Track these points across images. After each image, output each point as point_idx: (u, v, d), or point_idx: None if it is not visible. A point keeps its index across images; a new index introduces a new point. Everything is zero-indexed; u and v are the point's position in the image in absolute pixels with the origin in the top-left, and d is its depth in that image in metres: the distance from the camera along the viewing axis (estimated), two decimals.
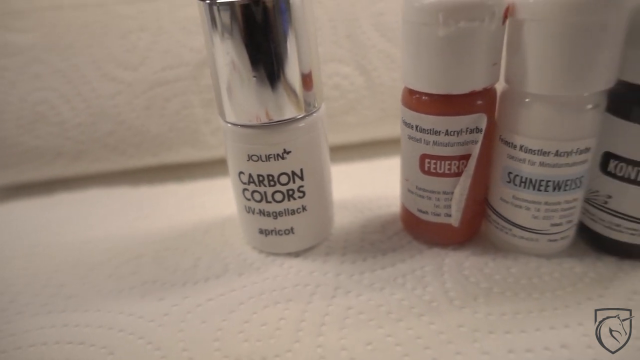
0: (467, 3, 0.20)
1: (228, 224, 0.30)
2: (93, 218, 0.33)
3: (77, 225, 0.33)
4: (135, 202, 0.35)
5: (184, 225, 0.31)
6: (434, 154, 0.23)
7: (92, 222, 0.33)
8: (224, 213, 0.31)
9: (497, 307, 0.22)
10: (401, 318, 0.22)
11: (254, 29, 0.21)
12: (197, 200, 0.34)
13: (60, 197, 0.37)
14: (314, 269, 0.26)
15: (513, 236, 0.25)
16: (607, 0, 0.19)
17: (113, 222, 0.33)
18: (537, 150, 0.22)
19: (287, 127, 0.23)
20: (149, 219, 0.33)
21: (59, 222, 0.33)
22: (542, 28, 0.20)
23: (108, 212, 0.34)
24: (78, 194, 0.37)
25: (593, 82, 0.20)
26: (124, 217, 0.33)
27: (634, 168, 0.22)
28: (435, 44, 0.21)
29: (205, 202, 0.34)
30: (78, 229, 0.32)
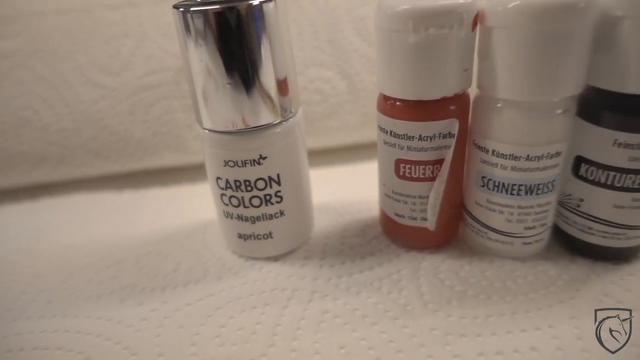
0: (436, 10, 0.20)
1: (210, 228, 0.30)
2: (76, 223, 0.33)
3: (59, 230, 0.33)
4: (119, 207, 0.35)
5: (166, 230, 0.31)
6: (408, 159, 0.24)
7: (75, 227, 0.33)
8: (206, 217, 0.31)
9: (470, 310, 0.22)
10: (376, 322, 0.22)
11: (228, 36, 0.21)
12: (180, 204, 0.34)
13: (45, 202, 0.37)
14: (292, 273, 0.26)
15: (488, 239, 0.25)
16: (572, 9, 0.19)
17: (96, 227, 0.33)
18: (508, 155, 0.22)
19: (263, 133, 0.24)
20: (132, 223, 0.33)
21: (42, 227, 0.33)
22: (510, 35, 0.20)
23: (92, 217, 0.34)
24: (62, 199, 0.37)
25: (561, 87, 0.20)
26: (107, 222, 0.33)
27: (603, 172, 0.22)
28: (406, 50, 0.21)
29: (188, 207, 0.34)
30: (60, 234, 0.32)
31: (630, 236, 0.23)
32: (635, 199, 0.22)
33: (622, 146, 0.21)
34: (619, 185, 0.22)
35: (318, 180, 0.35)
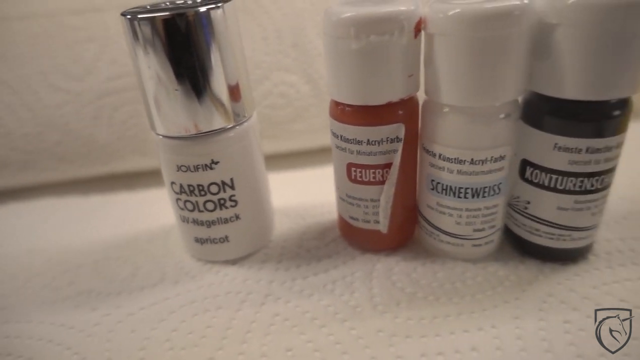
0: (377, 18, 0.20)
1: (172, 232, 0.31)
2: (40, 228, 0.33)
3: (22, 235, 0.33)
4: (85, 211, 0.35)
5: (129, 235, 0.31)
6: (358, 163, 0.24)
7: (38, 232, 0.33)
8: (169, 221, 0.32)
9: (417, 311, 0.23)
10: (325, 324, 0.22)
11: (175, 43, 0.22)
12: (146, 208, 0.35)
13: (10, 207, 0.37)
14: (249, 277, 0.26)
15: (440, 242, 0.25)
16: (508, 17, 0.19)
17: (60, 231, 0.33)
18: (453, 159, 0.22)
19: (214, 138, 0.24)
20: (96, 228, 0.33)
21: (5, 232, 0.33)
22: (450, 43, 0.20)
23: (57, 222, 0.34)
24: (28, 204, 0.37)
25: (502, 93, 0.21)
26: (71, 227, 0.33)
27: (546, 175, 0.22)
28: (350, 57, 0.21)
29: (154, 211, 0.34)
30: (23, 240, 0.32)
31: (575, 237, 0.23)
32: (578, 201, 0.22)
33: (562, 150, 0.21)
34: (562, 188, 0.22)
35: (283, 184, 0.35)
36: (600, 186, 0.22)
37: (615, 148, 0.21)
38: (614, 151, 0.21)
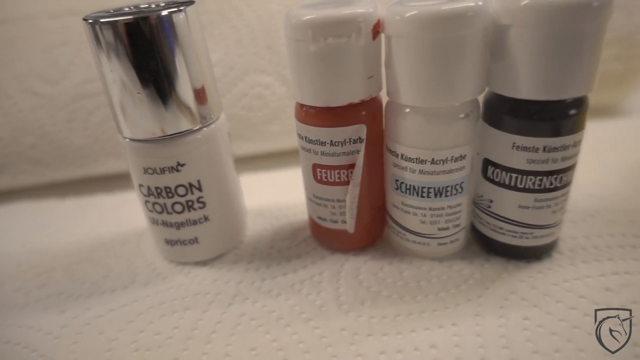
0: (334, 20, 0.20)
1: (145, 234, 0.31)
2: (15, 231, 0.33)
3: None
4: (61, 214, 0.35)
5: (102, 237, 0.31)
6: (323, 164, 0.24)
7: (13, 235, 0.33)
8: (143, 224, 0.32)
9: (380, 310, 0.23)
10: (289, 323, 0.23)
11: (138, 47, 0.22)
12: (121, 211, 0.35)
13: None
14: (218, 277, 0.26)
15: (407, 241, 0.26)
16: (462, 18, 0.20)
17: (34, 235, 0.33)
18: (415, 159, 0.23)
19: (179, 141, 0.24)
20: (71, 231, 0.33)
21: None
22: (407, 44, 0.20)
23: (32, 225, 0.34)
24: (3, 208, 0.37)
25: (460, 93, 0.21)
26: (47, 230, 0.33)
27: (507, 174, 0.23)
28: (309, 59, 0.21)
29: (129, 213, 0.34)
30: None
31: (537, 235, 0.24)
32: (538, 199, 0.23)
33: (520, 149, 0.22)
34: (522, 187, 0.23)
35: (259, 184, 0.35)
36: (559, 184, 0.22)
37: (572, 147, 0.22)
38: (572, 150, 0.22)
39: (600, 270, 0.24)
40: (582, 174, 0.31)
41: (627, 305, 0.21)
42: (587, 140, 0.37)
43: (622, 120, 0.40)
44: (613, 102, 0.42)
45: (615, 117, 0.41)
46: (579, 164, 0.33)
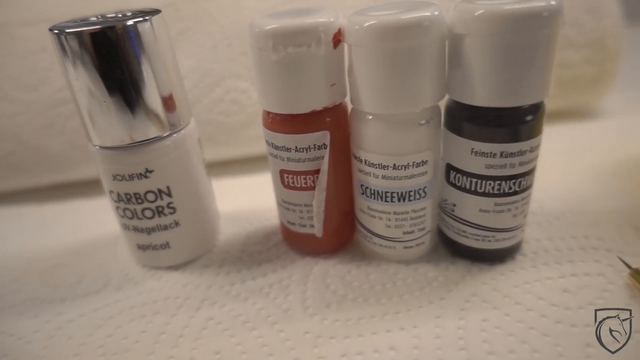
0: (294, 30, 0.21)
1: (120, 239, 0.31)
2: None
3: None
4: (39, 219, 0.36)
5: (79, 242, 0.32)
6: (289, 170, 0.25)
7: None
8: (119, 229, 0.32)
9: (345, 313, 0.23)
10: (255, 327, 0.23)
11: (104, 57, 0.22)
12: (98, 216, 0.35)
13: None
14: (189, 282, 0.27)
15: (374, 244, 0.26)
16: (418, 27, 0.20)
17: (12, 240, 0.33)
18: (378, 164, 0.23)
19: (148, 147, 0.24)
20: (48, 236, 0.33)
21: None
22: (365, 53, 0.21)
23: (10, 231, 0.34)
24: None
25: (419, 100, 0.22)
26: (24, 235, 0.34)
27: (467, 178, 0.23)
28: (271, 67, 0.22)
29: (106, 218, 0.34)
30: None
31: (499, 238, 0.24)
32: (498, 203, 0.23)
33: (478, 154, 0.22)
34: (482, 191, 0.23)
35: (235, 189, 0.36)
36: (518, 189, 0.23)
37: (529, 152, 0.22)
38: (529, 155, 0.22)
39: (560, 272, 0.24)
40: (550, 176, 0.32)
41: (583, 307, 0.22)
42: (558, 143, 0.38)
43: (594, 123, 0.41)
44: (586, 105, 0.43)
45: (587, 119, 0.42)
46: (549, 166, 0.33)
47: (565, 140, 0.38)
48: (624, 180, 0.32)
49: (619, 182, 0.31)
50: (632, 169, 0.33)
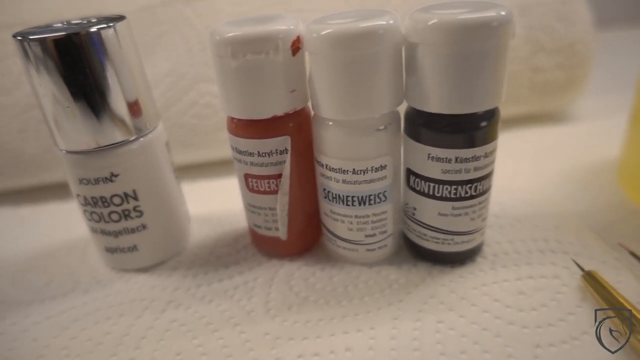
0: (252, 37, 0.21)
1: (91, 242, 0.31)
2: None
3: None
4: (15, 222, 0.36)
5: (51, 245, 0.32)
6: (253, 174, 0.25)
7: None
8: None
9: (305, 315, 0.24)
10: (217, 328, 0.24)
11: (67, 63, 0.23)
12: (72, 219, 0.35)
13: None
14: (157, 284, 0.27)
15: (338, 247, 0.27)
16: (372, 36, 0.20)
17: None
18: (337, 169, 0.24)
19: (113, 152, 0.25)
20: (22, 238, 0.33)
21: None
22: (323, 61, 0.21)
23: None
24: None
25: (375, 107, 0.22)
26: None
27: (425, 183, 0.24)
28: (231, 74, 0.22)
29: (79, 221, 0.35)
30: None
31: (458, 241, 0.25)
32: (455, 207, 0.24)
33: (435, 160, 0.23)
34: (439, 195, 0.24)
35: (208, 192, 0.36)
36: (475, 193, 0.23)
37: (484, 157, 0.23)
38: (483, 160, 0.23)
39: (517, 275, 0.25)
40: (517, 180, 0.33)
41: (536, 308, 0.23)
42: (528, 146, 0.38)
43: (564, 127, 0.41)
44: (557, 110, 0.44)
45: (558, 124, 0.42)
46: (516, 170, 0.34)
47: (535, 143, 0.39)
48: (587, 183, 0.32)
49: (583, 186, 0.32)
50: (597, 172, 0.33)
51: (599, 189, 0.32)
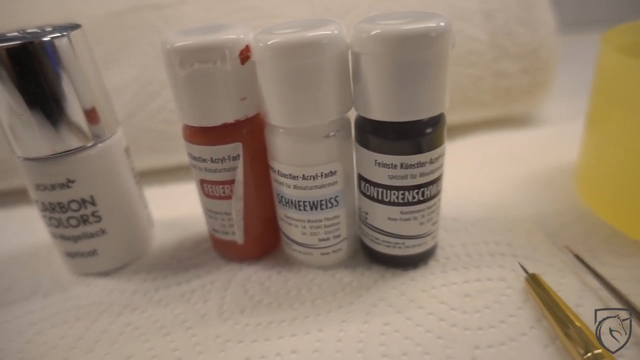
0: (199, 47, 0.22)
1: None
2: None
3: None
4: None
5: (16, 249, 0.32)
6: (208, 179, 0.25)
7: None
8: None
9: (257, 318, 0.24)
10: (170, 332, 0.24)
11: (20, 72, 0.23)
12: (38, 224, 0.35)
13: None
14: (116, 288, 0.27)
15: (294, 250, 0.27)
16: (316, 46, 0.21)
17: None
18: (288, 175, 0.24)
19: (69, 158, 0.25)
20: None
21: None
22: (269, 70, 0.22)
23: None
24: None
25: (322, 114, 0.23)
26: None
27: (375, 188, 0.24)
28: (181, 82, 0.23)
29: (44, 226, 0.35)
30: None
31: (408, 245, 0.25)
32: (403, 212, 0.24)
33: (381, 166, 0.23)
34: (388, 200, 0.24)
35: (175, 195, 0.36)
36: (422, 198, 0.24)
37: (429, 163, 0.23)
38: (429, 166, 0.23)
39: (465, 277, 0.25)
40: (476, 183, 0.33)
41: (480, 310, 0.23)
42: (490, 150, 0.39)
43: (528, 131, 0.42)
44: (522, 114, 0.45)
45: (523, 128, 0.43)
46: (476, 174, 0.35)
47: (498, 147, 0.39)
48: (545, 187, 0.33)
49: (540, 189, 0.33)
50: (556, 176, 0.34)
51: (555, 192, 0.32)
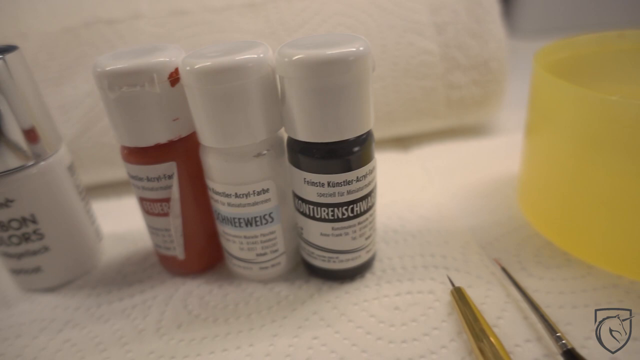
0: (126, 71, 0.22)
1: None
2: None
3: None
4: None
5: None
6: (146, 197, 0.26)
7: None
8: None
9: (192, 333, 0.25)
10: (106, 348, 0.24)
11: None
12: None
13: None
14: (60, 304, 0.28)
15: (234, 265, 0.28)
16: (240, 70, 0.22)
17: None
18: (222, 193, 0.25)
19: (7, 179, 0.26)
20: None
21: None
22: (195, 92, 0.22)
23: None
24: None
25: (248, 134, 0.23)
26: None
27: (306, 205, 0.25)
28: (112, 104, 0.23)
29: None
30: None
31: (342, 259, 0.26)
32: (334, 228, 0.25)
33: (310, 184, 0.24)
34: (319, 217, 0.25)
35: (130, 209, 0.37)
36: (352, 214, 0.25)
37: (356, 181, 0.24)
38: (356, 183, 0.24)
39: (397, 290, 0.26)
40: (423, 194, 0.34)
41: (406, 323, 0.24)
42: (441, 161, 0.40)
43: (479, 141, 0.43)
44: (475, 124, 0.45)
45: (475, 138, 0.44)
46: (423, 185, 0.35)
47: (448, 158, 0.40)
48: (488, 197, 0.34)
49: (484, 200, 0.34)
50: (501, 186, 0.35)
51: (497, 203, 0.33)
